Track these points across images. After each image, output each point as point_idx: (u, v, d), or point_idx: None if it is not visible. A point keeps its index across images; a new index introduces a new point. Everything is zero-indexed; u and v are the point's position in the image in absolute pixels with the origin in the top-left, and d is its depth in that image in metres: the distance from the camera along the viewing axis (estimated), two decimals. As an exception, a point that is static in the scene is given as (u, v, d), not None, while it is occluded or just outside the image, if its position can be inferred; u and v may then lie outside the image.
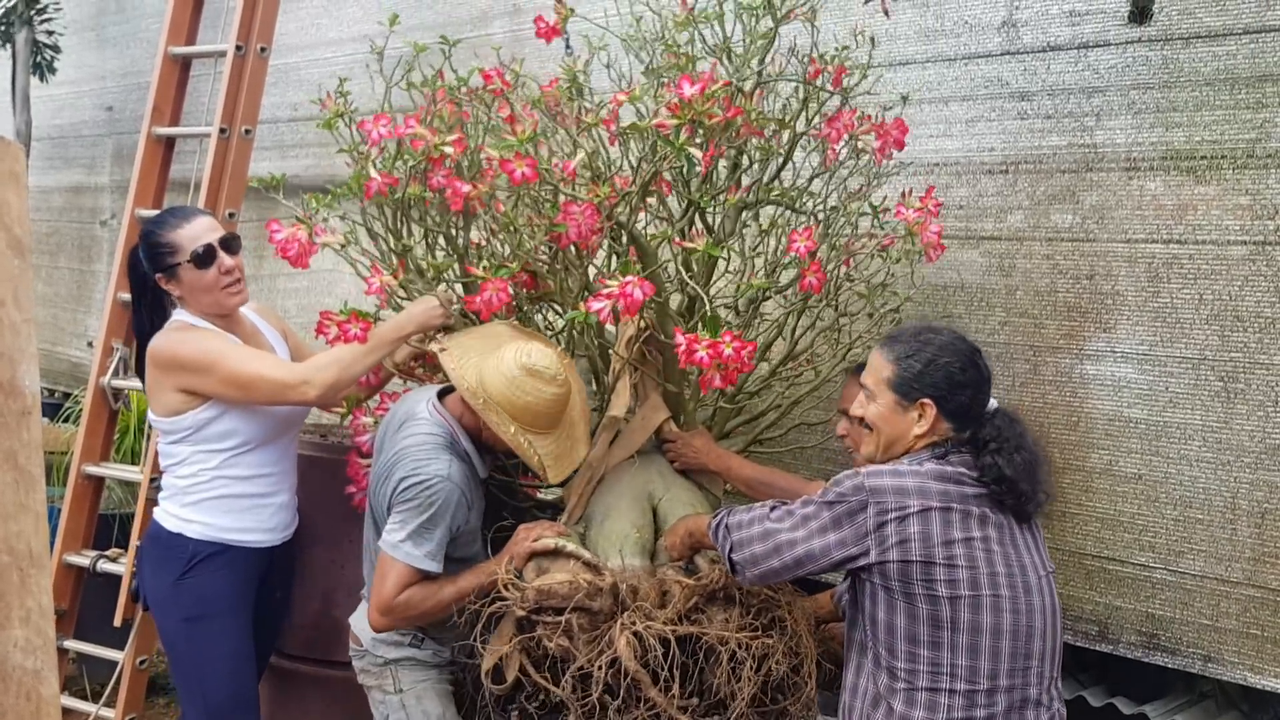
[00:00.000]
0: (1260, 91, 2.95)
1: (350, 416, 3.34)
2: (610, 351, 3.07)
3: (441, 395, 2.91)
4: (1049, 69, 3.28)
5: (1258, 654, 3.01)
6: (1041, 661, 2.33)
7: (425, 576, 2.70)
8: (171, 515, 3.05)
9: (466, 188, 2.84)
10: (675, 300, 3.12)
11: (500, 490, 3.26)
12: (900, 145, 3.16)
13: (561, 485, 3.00)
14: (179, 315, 3.05)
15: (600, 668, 2.48)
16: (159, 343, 3.00)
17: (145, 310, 3.12)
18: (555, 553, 2.74)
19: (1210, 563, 3.07)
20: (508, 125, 2.98)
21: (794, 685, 2.59)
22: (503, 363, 2.74)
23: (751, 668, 2.50)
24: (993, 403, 2.54)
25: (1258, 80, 2.95)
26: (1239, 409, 3.02)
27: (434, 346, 2.86)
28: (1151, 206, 3.13)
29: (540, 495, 3.41)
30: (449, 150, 2.82)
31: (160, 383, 2.98)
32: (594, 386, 3.27)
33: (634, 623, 2.52)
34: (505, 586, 2.65)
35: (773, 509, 2.44)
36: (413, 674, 2.86)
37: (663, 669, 2.48)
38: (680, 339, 2.62)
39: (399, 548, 2.68)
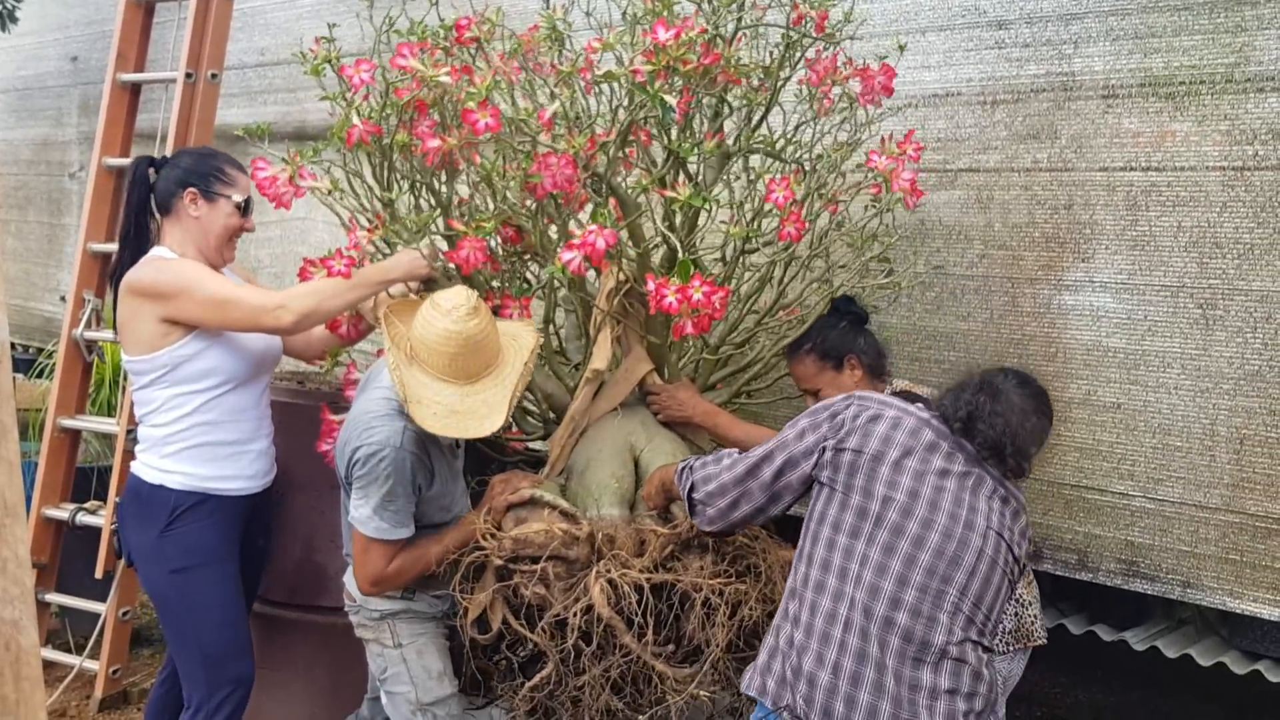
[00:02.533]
0: (1239, 15, 2.92)
1: (333, 367, 3.31)
2: (592, 303, 3.04)
3: None
4: (1026, -4, 3.25)
5: (1236, 579, 3.03)
6: (962, 596, 2.21)
7: (406, 542, 2.72)
8: (151, 468, 3.02)
9: (435, 142, 2.77)
10: (661, 253, 3.08)
11: (488, 445, 3.25)
12: (889, 91, 3.09)
13: (545, 439, 2.99)
14: (157, 251, 3.03)
15: (575, 615, 2.48)
16: (136, 273, 2.97)
17: (130, 246, 3.09)
18: (532, 503, 2.74)
19: (1189, 489, 3.09)
20: (490, 71, 2.92)
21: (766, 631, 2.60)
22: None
23: (725, 614, 2.50)
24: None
25: (1236, 4, 2.92)
26: (1217, 335, 3.03)
27: (382, 311, 2.81)
28: (1129, 134, 3.11)
29: (529, 448, 3.39)
30: (445, 79, 2.70)
31: (137, 314, 2.94)
32: (580, 341, 3.25)
33: (609, 570, 2.52)
34: (483, 537, 2.65)
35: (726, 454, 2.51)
36: (411, 626, 2.85)
37: (638, 616, 2.48)
38: (650, 285, 2.60)
39: (368, 524, 2.68)
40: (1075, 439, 3.26)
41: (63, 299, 5.30)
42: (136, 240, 3.09)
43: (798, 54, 3.05)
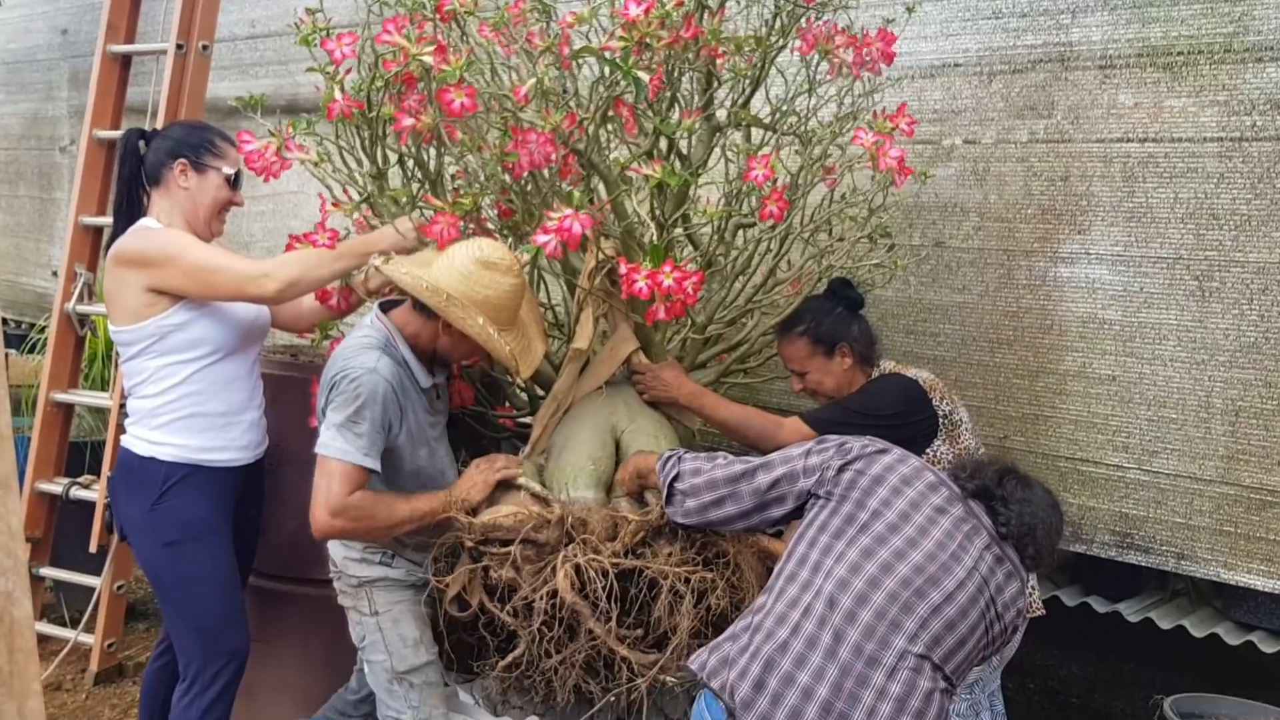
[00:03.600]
0: (1237, -16, 2.90)
1: (323, 340, 3.29)
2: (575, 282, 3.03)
3: (386, 309, 2.87)
4: (1024, -34, 3.22)
5: (1230, 550, 3.04)
6: (933, 615, 2.12)
7: (369, 475, 2.67)
8: (141, 440, 3.01)
9: (409, 120, 2.74)
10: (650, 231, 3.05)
11: (475, 420, 3.23)
12: (889, 58, 3.02)
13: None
14: (144, 221, 3.01)
15: (541, 598, 2.47)
16: (123, 243, 2.96)
17: (123, 218, 3.07)
18: (506, 485, 2.74)
19: (1184, 461, 3.09)
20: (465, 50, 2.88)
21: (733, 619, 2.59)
22: (455, 261, 2.69)
23: (691, 602, 2.50)
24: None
25: (1235, -28, 2.90)
26: (1214, 307, 3.02)
27: (374, 260, 2.79)
28: (1127, 105, 3.09)
29: (518, 424, 3.38)
30: (427, 59, 2.69)
31: (124, 283, 2.92)
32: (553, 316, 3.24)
33: (576, 555, 2.51)
34: (454, 515, 2.65)
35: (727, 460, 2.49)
36: (389, 595, 2.84)
37: (604, 602, 2.47)
38: (622, 268, 2.58)
39: (331, 445, 2.63)
40: (1071, 412, 3.25)
41: (54, 274, 5.27)
42: (129, 212, 3.07)
43: (791, 23, 3.02)
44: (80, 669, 4.29)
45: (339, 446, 2.62)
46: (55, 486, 4.29)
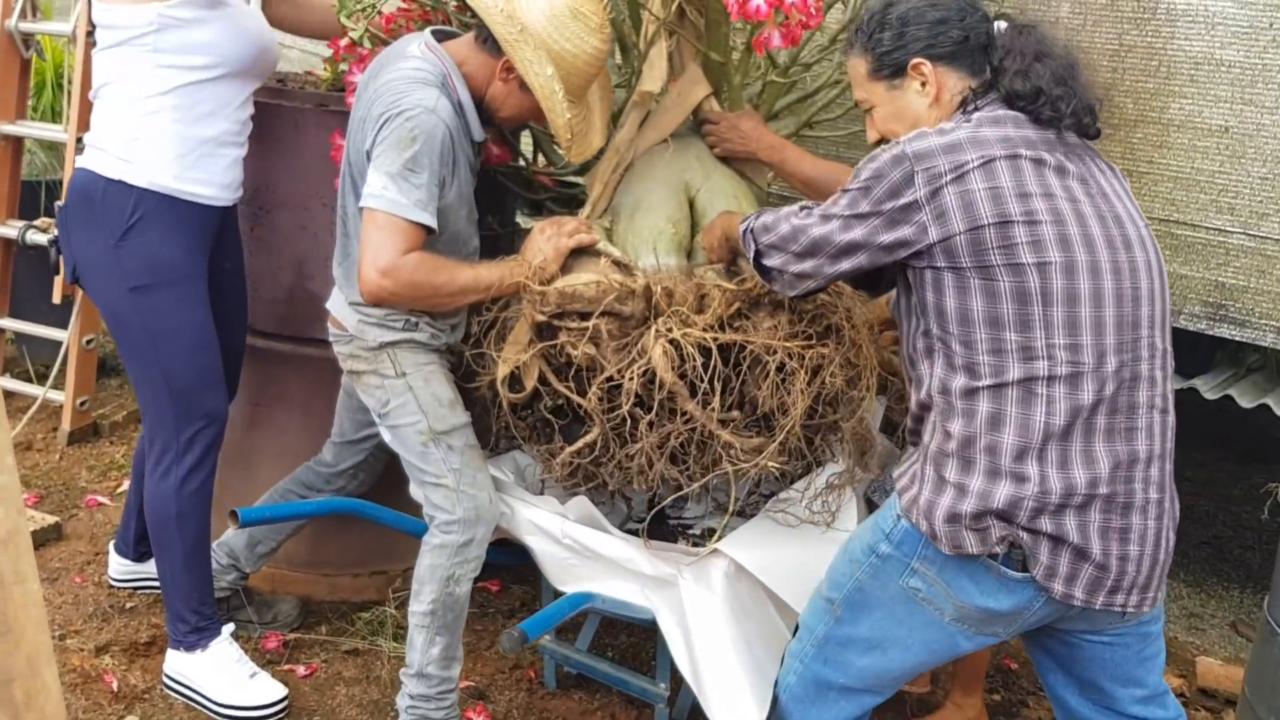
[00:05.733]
0: None
1: (340, 68, 2.79)
2: (643, 11, 2.54)
3: (440, 39, 2.41)
4: None
5: (1339, 324, 2.75)
6: (1152, 330, 1.87)
7: (426, 234, 2.30)
8: (110, 157, 2.54)
9: None
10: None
11: (509, 179, 2.80)
12: None
13: (581, 173, 2.56)
14: None
15: (631, 379, 2.13)
16: None
17: None
18: (580, 250, 2.36)
19: (1298, 226, 2.76)
20: None
21: (849, 399, 2.26)
22: None
23: (804, 380, 2.15)
24: (999, 24, 2.05)
25: None
26: (1356, 49, 2.62)
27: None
28: None
29: (560, 183, 2.96)
30: None
31: None
32: (617, 60, 2.77)
33: (670, 329, 2.15)
34: (525, 287, 2.27)
35: (802, 207, 2.00)
36: (415, 356, 2.48)
37: (701, 380, 2.14)
38: None
39: (382, 195, 2.25)
40: (1171, 167, 2.89)
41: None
42: None
43: None
44: (51, 427, 3.99)
45: (391, 198, 2.24)
46: (9, 230, 3.86)
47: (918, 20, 1.98)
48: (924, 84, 1.98)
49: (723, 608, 2.18)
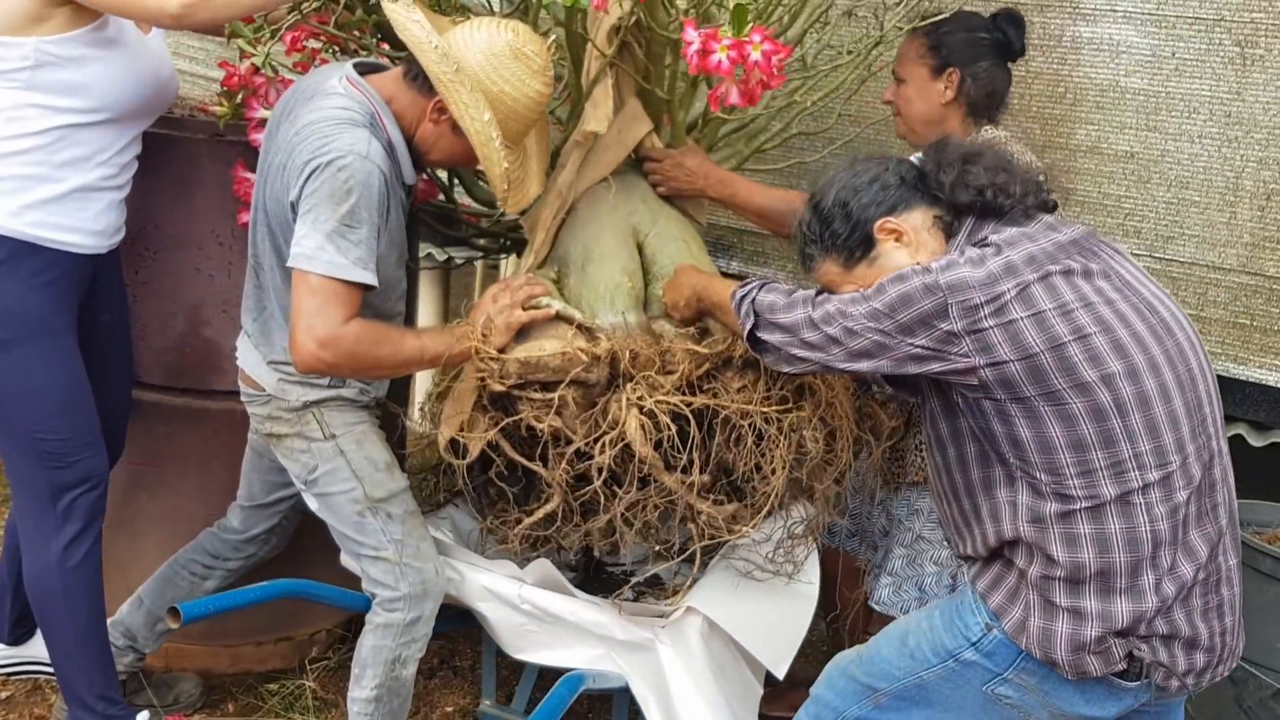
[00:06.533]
0: None
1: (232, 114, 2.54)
2: (586, 46, 2.39)
3: (363, 72, 2.23)
4: None
5: (1243, 344, 2.86)
6: (1211, 404, 1.86)
7: (366, 291, 2.12)
8: None
9: None
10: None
11: (434, 218, 2.63)
12: None
13: (520, 215, 2.42)
14: None
15: (602, 450, 2.01)
16: None
17: None
18: (534, 310, 2.22)
19: (1202, 249, 2.85)
20: None
21: (825, 461, 2.19)
22: (479, 35, 2.10)
23: (786, 446, 2.07)
24: (914, 156, 2.07)
25: None
26: (1254, 78, 2.72)
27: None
28: None
29: (483, 224, 2.80)
30: None
31: None
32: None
33: (640, 397, 2.04)
34: (477, 355, 2.12)
35: (818, 293, 1.92)
36: (343, 415, 2.30)
37: (678, 452, 2.05)
38: (693, 35, 1.99)
39: (318, 257, 2.05)
40: (1079, 192, 2.95)
41: None
42: None
43: None
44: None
45: (329, 260, 2.04)
46: None
47: (854, 194, 1.95)
48: (898, 237, 1.92)
49: (704, 670, 2.10)
